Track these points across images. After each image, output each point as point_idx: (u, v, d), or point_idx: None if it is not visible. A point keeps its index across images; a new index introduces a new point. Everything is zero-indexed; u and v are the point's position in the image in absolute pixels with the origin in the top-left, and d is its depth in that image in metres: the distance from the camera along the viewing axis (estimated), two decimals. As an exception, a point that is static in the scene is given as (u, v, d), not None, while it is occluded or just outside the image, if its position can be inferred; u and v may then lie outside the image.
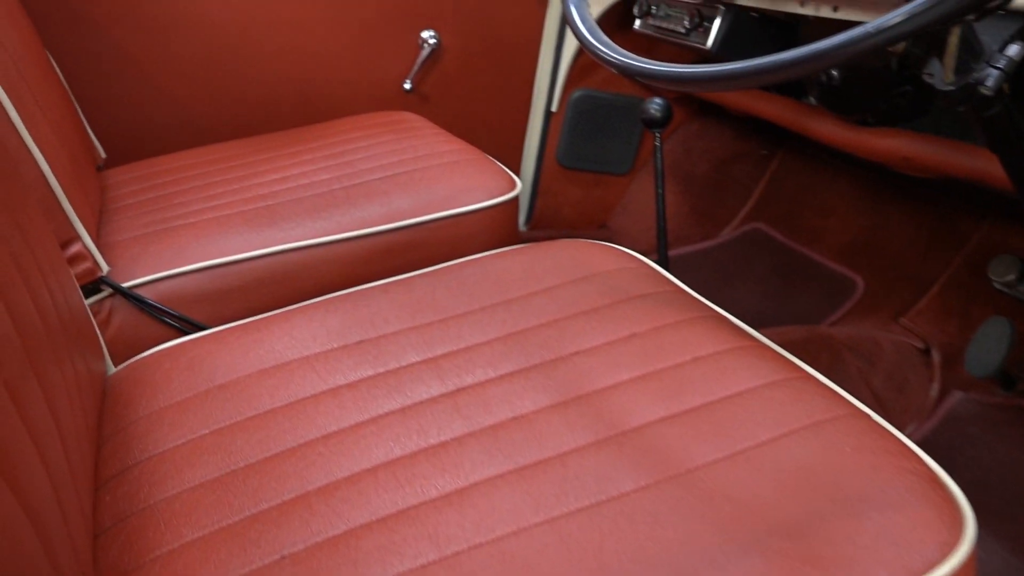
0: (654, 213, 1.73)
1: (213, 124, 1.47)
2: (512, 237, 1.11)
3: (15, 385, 0.45)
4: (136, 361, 0.79)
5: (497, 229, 1.08)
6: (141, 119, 1.43)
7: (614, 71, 0.65)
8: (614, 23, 1.59)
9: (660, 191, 1.09)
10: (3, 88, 0.81)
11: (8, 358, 0.45)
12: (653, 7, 1.35)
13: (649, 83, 0.62)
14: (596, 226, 1.82)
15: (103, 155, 1.34)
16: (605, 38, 0.66)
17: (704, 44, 1.23)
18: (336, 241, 1.00)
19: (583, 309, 0.76)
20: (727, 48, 1.22)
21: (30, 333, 0.51)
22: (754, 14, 1.21)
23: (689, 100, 1.74)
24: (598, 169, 1.75)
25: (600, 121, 1.70)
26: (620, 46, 0.73)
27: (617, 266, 0.83)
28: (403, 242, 1.03)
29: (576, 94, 1.66)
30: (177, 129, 1.45)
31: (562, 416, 0.62)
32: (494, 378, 0.68)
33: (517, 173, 1.76)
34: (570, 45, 1.61)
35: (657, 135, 1.11)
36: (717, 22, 1.21)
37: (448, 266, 0.88)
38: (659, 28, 1.33)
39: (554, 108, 1.67)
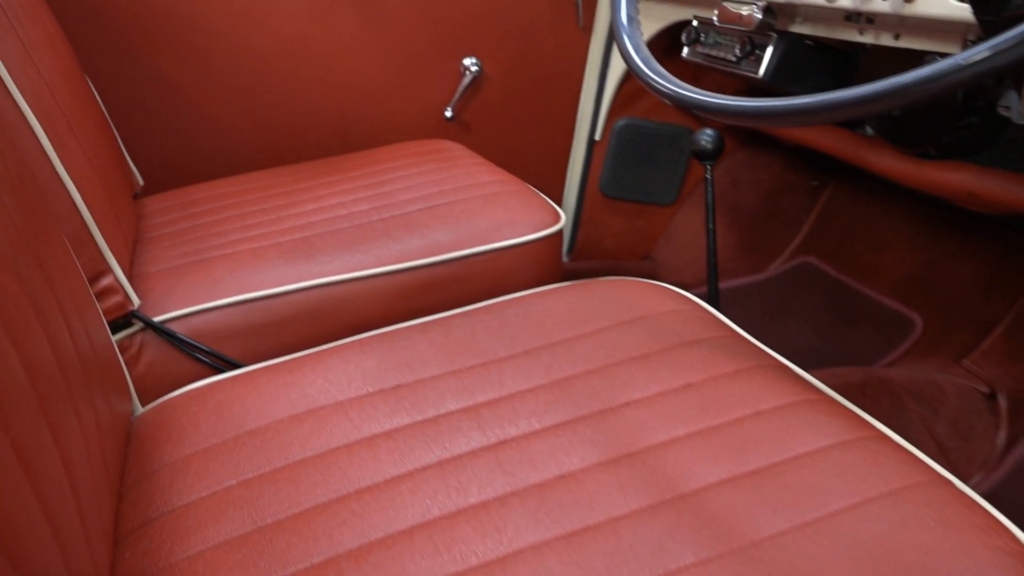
0: (700, 245, 1.68)
1: (252, 152, 1.46)
2: (555, 271, 1.07)
3: (25, 444, 0.41)
4: (163, 402, 0.75)
5: (540, 263, 1.04)
6: (180, 146, 1.42)
7: (671, 103, 0.61)
8: (659, 51, 1.55)
9: (711, 226, 1.04)
10: (37, 117, 0.79)
11: (19, 415, 0.42)
12: (702, 35, 1.31)
13: (712, 118, 0.57)
14: (639, 257, 1.77)
15: (141, 182, 1.32)
16: (661, 68, 0.62)
17: (756, 73, 1.18)
18: (374, 275, 0.97)
19: (633, 355, 0.71)
20: (780, 77, 1.17)
21: (46, 383, 0.48)
22: (808, 42, 1.16)
23: (737, 129, 1.69)
24: (642, 199, 1.71)
25: (645, 150, 1.65)
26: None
27: (668, 308, 0.79)
28: (443, 277, 1.00)
29: (620, 122, 1.62)
30: (216, 157, 1.44)
31: (613, 475, 0.57)
32: (539, 430, 0.63)
33: (559, 202, 1.72)
34: (615, 72, 1.57)
35: (708, 167, 1.07)
36: (769, 50, 1.16)
37: (489, 305, 0.84)
38: (708, 56, 1.29)
39: (597, 137, 1.63)
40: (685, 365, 0.69)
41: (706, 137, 1.06)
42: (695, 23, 1.33)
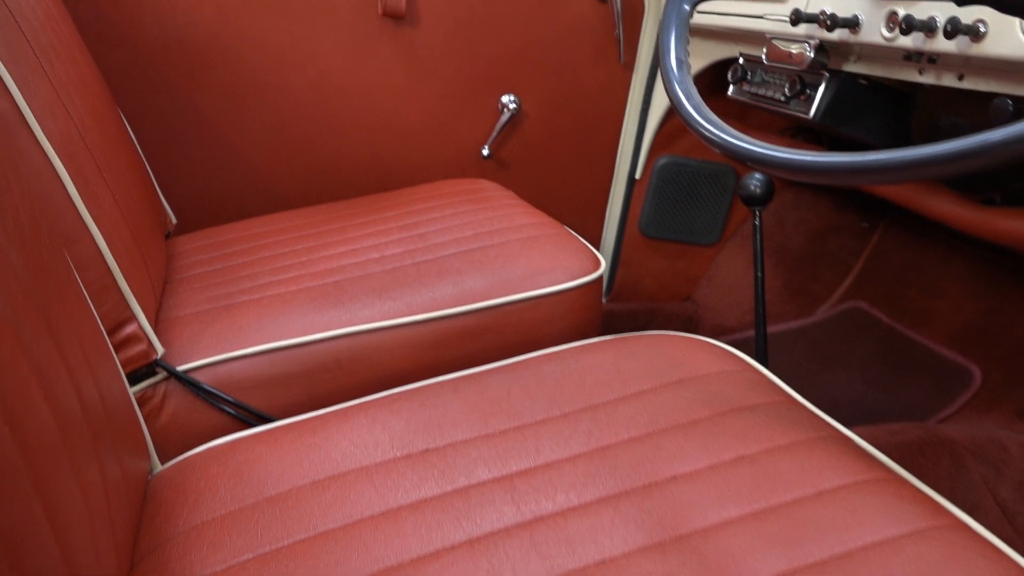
0: (743, 287, 1.62)
1: (287, 190, 1.44)
2: (595, 321, 1.03)
3: (18, 533, 0.38)
4: (182, 461, 0.72)
5: (579, 312, 1.00)
6: (214, 184, 1.40)
7: (726, 155, 0.56)
8: (703, 89, 1.50)
9: (759, 274, 0.99)
10: (63, 162, 0.77)
11: (8, 486, 0.38)
12: (748, 72, 1.26)
13: (775, 173, 0.53)
14: (680, 299, 1.72)
15: (173, 221, 1.31)
16: (715, 116, 0.58)
17: (806, 113, 1.13)
18: (405, 324, 0.93)
19: (680, 421, 0.66)
20: (832, 117, 1.12)
21: (43, 449, 0.45)
22: (863, 81, 1.11)
23: (782, 168, 1.63)
24: (683, 239, 1.66)
25: (686, 189, 1.61)
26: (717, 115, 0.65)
27: (717, 367, 0.74)
28: (477, 326, 0.95)
29: (661, 161, 1.58)
30: (250, 195, 1.42)
31: (660, 563, 0.52)
32: (578, 506, 0.58)
33: (597, 242, 1.68)
34: (657, 109, 1.53)
35: (757, 213, 1.02)
36: (821, 89, 1.11)
37: (524, 360, 0.80)
38: (755, 95, 1.24)
39: (638, 175, 1.59)
40: (737, 434, 0.63)
41: (755, 181, 1.01)
42: (741, 61, 1.28)
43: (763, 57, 1.15)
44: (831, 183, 0.49)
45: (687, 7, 0.70)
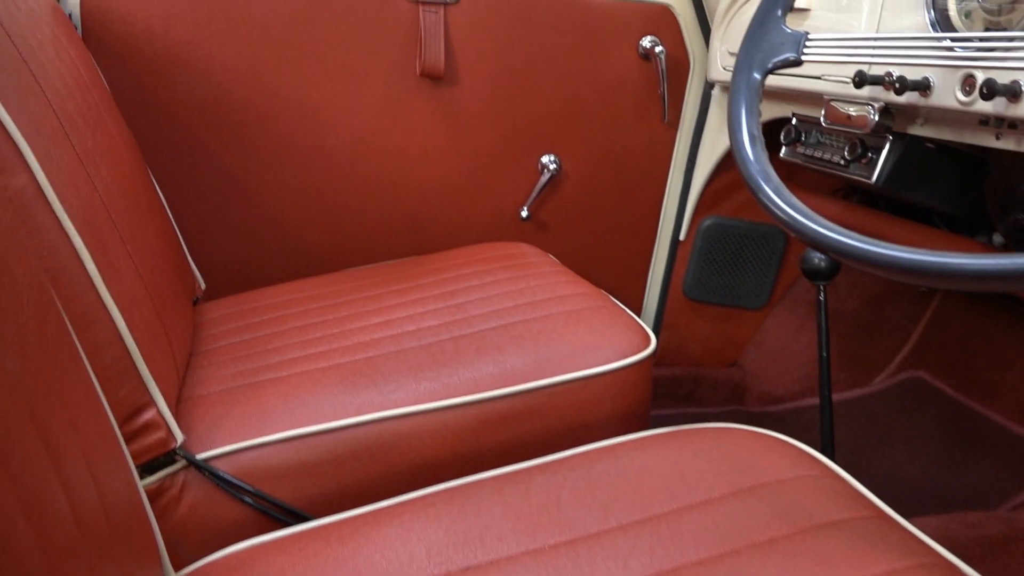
0: (793, 354, 1.54)
1: (319, 253, 1.39)
2: (645, 401, 0.95)
3: None
4: (196, 570, 0.65)
5: (629, 394, 0.93)
6: (245, 247, 1.36)
7: (820, 249, 0.49)
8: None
9: (824, 354, 0.92)
10: (84, 239, 0.73)
11: None
12: (803, 134, 1.20)
13: (896, 278, 0.46)
14: (725, 364, 1.64)
15: (202, 286, 1.26)
16: (801, 204, 0.51)
17: (868, 177, 1.06)
18: (442, 408, 0.86)
19: (756, 540, 0.58)
20: (896, 183, 1.05)
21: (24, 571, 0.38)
22: (929, 145, 1.04)
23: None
24: (729, 303, 1.58)
25: (733, 251, 1.54)
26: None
27: (791, 471, 0.66)
28: (518, 410, 0.89)
29: (707, 222, 1.51)
30: (282, 258, 1.38)
31: None
32: (643, 646, 0.51)
33: (639, 304, 1.61)
34: (702, 169, 1.47)
35: (821, 288, 0.94)
36: (884, 153, 1.05)
37: (574, 456, 0.73)
38: (810, 157, 1.17)
39: (682, 236, 1.53)
40: (824, 559, 0.55)
41: (819, 255, 0.94)
42: (794, 121, 1.22)
43: (821, 119, 1.08)
44: (982, 289, 0.42)
45: (758, 76, 0.65)
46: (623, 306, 1.05)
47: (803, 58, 0.67)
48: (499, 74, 1.37)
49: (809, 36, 0.66)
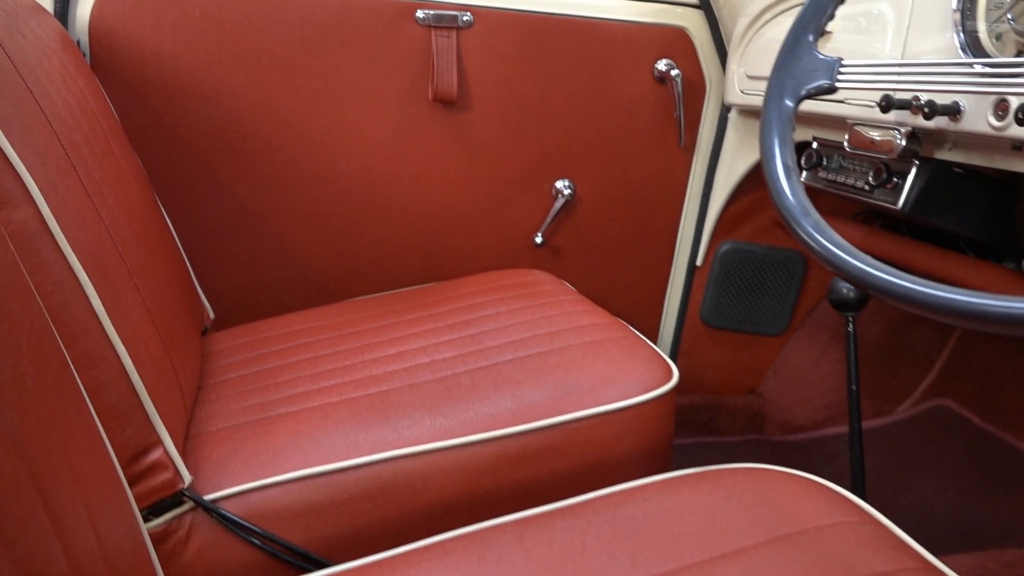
0: (813, 381, 1.51)
1: (330, 281, 1.37)
2: (668, 436, 0.92)
3: None
4: (205, 624, 0.62)
5: (652, 428, 0.89)
6: (255, 276, 1.33)
7: (868, 290, 0.46)
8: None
9: (854, 387, 0.88)
10: (90, 273, 0.70)
11: None
12: (824, 158, 1.17)
13: (959, 323, 0.42)
14: (744, 392, 1.60)
15: (211, 315, 1.24)
16: (843, 240, 0.48)
17: (894, 203, 1.03)
18: (458, 446, 0.83)
19: (795, 594, 0.55)
20: (922, 208, 1.02)
21: None
22: (957, 169, 1.01)
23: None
24: (748, 329, 1.55)
25: (751, 276, 1.51)
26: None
27: (831, 518, 0.63)
28: (538, 446, 0.86)
29: (724, 247, 1.48)
30: (292, 286, 1.35)
31: None
32: None
33: (655, 331, 1.58)
34: (719, 193, 1.44)
35: (850, 319, 0.91)
36: (911, 178, 1.02)
37: (598, 499, 0.70)
38: (833, 182, 1.15)
39: (699, 262, 1.50)
40: (868, 616, 0.52)
41: (847, 285, 0.91)
42: (815, 145, 1.20)
43: (845, 144, 1.05)
44: None
45: (790, 103, 0.62)
46: (643, 337, 1.02)
47: (837, 85, 0.64)
48: (512, 98, 1.35)
49: (843, 62, 0.63)
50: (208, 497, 0.77)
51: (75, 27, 1.16)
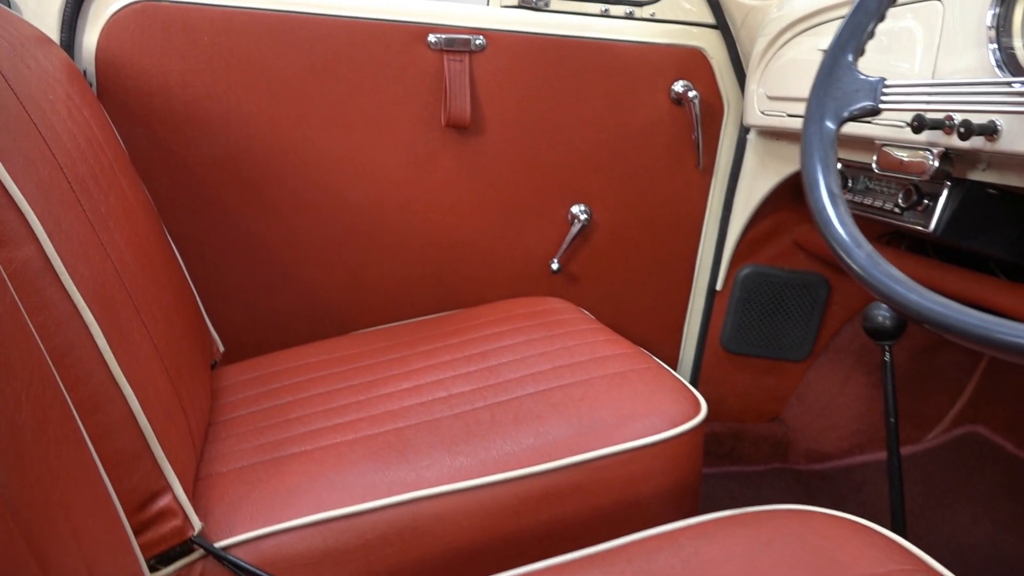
0: (839, 408, 1.46)
1: (342, 312, 1.34)
2: (697, 474, 0.88)
3: None
4: None
5: (680, 464, 0.86)
6: (265, 307, 1.30)
7: (934, 330, 0.43)
8: (789, 198, 1.39)
9: (892, 420, 0.84)
10: (94, 310, 0.67)
11: None
12: (850, 180, 1.14)
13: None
14: (767, 419, 1.56)
15: (221, 348, 1.21)
16: (902, 275, 0.45)
17: (925, 226, 1.00)
18: (480, 487, 0.80)
19: (850, 654, 0.51)
20: (955, 231, 0.99)
21: None
22: (992, 191, 0.97)
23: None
24: (770, 354, 1.51)
25: (772, 300, 1.47)
26: (799, 221, 0.53)
27: (882, 567, 0.59)
28: (562, 486, 0.82)
29: (744, 271, 1.45)
30: (303, 317, 1.32)
31: None
32: None
33: (675, 358, 1.54)
34: (739, 216, 1.41)
35: (886, 349, 0.87)
36: (943, 200, 0.98)
37: (630, 545, 0.66)
38: (860, 205, 1.11)
39: (719, 286, 1.46)
40: None
41: (883, 312, 0.87)
42: (840, 167, 1.16)
43: (873, 165, 1.02)
44: None
45: (832, 125, 0.59)
46: (668, 367, 0.98)
47: (881, 106, 0.61)
48: (527, 123, 1.32)
49: (886, 82, 0.60)
50: (219, 544, 0.74)
51: (81, 57, 1.14)
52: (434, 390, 0.97)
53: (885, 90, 0.60)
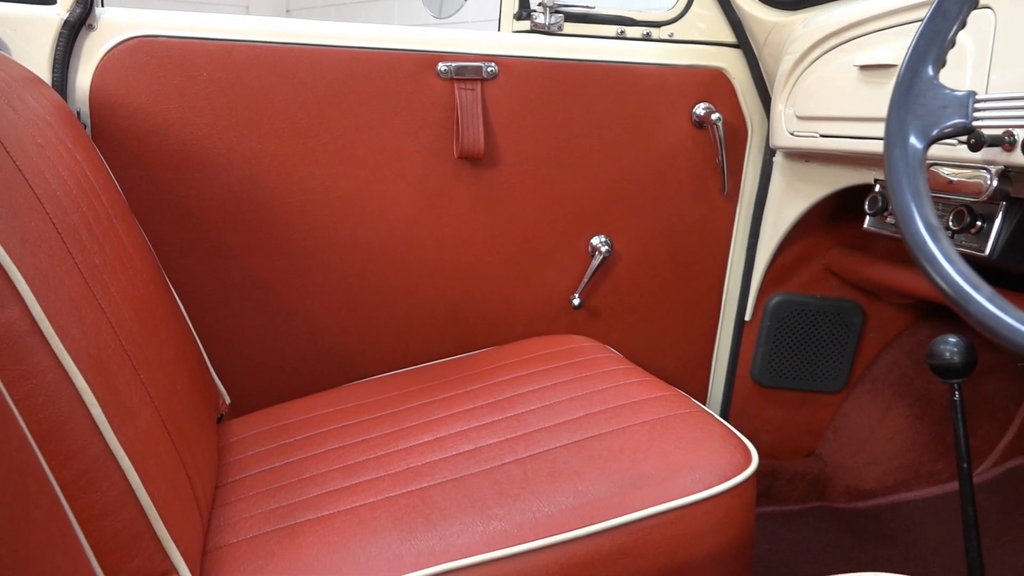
0: (878, 441, 1.39)
1: (354, 357, 1.26)
2: (750, 530, 0.81)
3: None
4: None
5: (735, 520, 0.78)
6: (273, 355, 1.23)
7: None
8: (823, 219, 1.32)
9: (965, 466, 0.76)
10: (87, 376, 0.60)
11: None
12: (891, 202, 1.07)
13: None
14: (802, 455, 1.48)
15: (227, 401, 1.14)
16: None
17: (981, 250, 0.93)
18: (517, 555, 0.72)
19: None
20: (1015, 254, 0.92)
21: None
22: (1051, 210, 0.91)
23: (921, 301, 1.41)
24: (803, 387, 1.44)
25: (804, 330, 1.40)
26: (830, 246, 0.46)
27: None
28: (606, 550, 0.74)
29: (774, 299, 1.38)
30: (314, 365, 1.25)
31: None
32: None
33: (704, 392, 1.46)
34: (767, 243, 1.34)
35: (955, 387, 0.80)
36: (998, 221, 0.92)
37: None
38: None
39: (748, 317, 1.39)
40: None
41: (951, 347, 0.80)
42: (878, 188, 1.10)
43: (920, 186, 0.95)
44: None
45: (919, 145, 0.52)
46: (710, 411, 0.91)
47: (974, 123, 0.54)
48: (542, 152, 1.26)
49: (977, 95, 0.53)
50: (230, 631, 0.66)
51: (74, 97, 1.08)
52: (458, 443, 0.90)
53: (977, 105, 0.54)
